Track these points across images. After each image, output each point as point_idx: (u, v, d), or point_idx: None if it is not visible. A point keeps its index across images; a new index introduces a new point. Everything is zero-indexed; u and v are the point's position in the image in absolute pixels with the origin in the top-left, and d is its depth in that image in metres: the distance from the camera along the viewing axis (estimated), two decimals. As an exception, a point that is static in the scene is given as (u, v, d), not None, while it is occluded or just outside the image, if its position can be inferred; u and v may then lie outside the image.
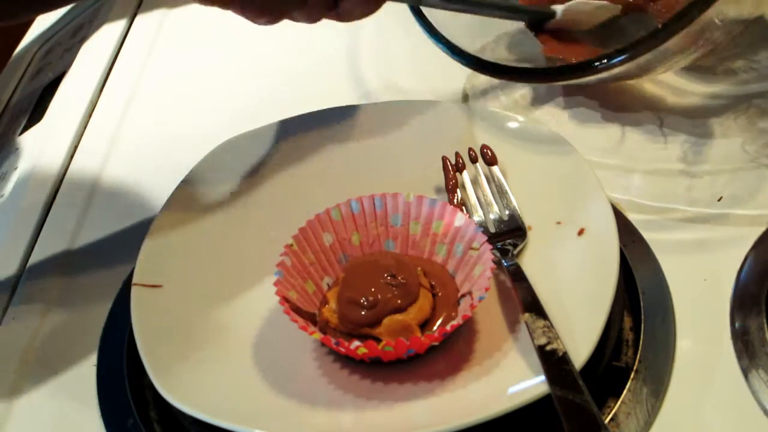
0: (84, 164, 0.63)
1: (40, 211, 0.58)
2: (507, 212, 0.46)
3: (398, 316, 0.40)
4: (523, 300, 0.40)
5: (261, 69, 0.68)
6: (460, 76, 0.62)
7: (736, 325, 0.41)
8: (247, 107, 0.64)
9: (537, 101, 0.58)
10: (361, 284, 0.41)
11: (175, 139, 0.63)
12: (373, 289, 0.40)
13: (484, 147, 0.49)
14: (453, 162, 0.49)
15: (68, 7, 0.83)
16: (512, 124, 0.50)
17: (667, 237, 0.46)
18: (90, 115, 0.68)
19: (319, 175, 0.51)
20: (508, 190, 0.47)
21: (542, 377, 0.36)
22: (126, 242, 0.49)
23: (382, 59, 0.66)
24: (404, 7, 0.71)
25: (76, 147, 0.64)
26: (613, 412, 0.38)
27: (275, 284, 0.41)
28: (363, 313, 0.40)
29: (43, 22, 0.89)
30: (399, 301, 0.40)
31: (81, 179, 0.61)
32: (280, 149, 0.52)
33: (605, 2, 0.54)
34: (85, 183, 0.61)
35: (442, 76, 0.63)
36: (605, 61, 0.46)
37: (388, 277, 0.41)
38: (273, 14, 0.43)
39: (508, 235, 0.45)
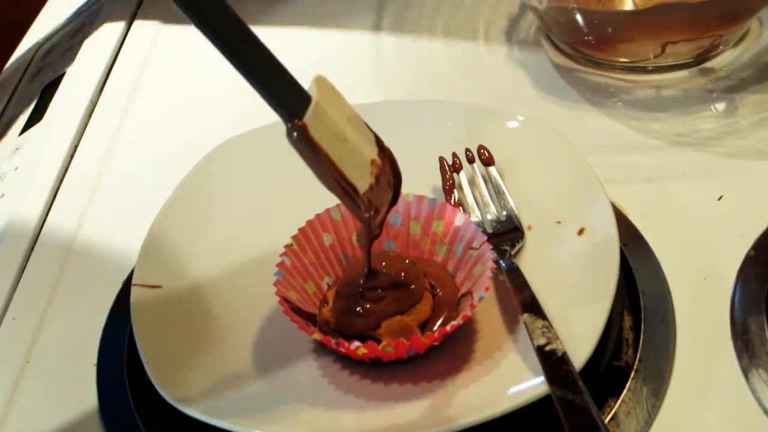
0: (84, 164, 0.63)
1: (40, 210, 0.58)
2: (504, 213, 0.46)
3: (398, 317, 0.40)
4: (521, 300, 0.40)
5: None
6: (457, 74, 0.62)
7: (736, 324, 0.41)
8: (247, 107, 0.64)
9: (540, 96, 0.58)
10: (357, 290, 0.41)
11: (175, 138, 0.63)
12: (369, 296, 0.40)
13: (480, 147, 0.49)
14: (450, 162, 0.49)
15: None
16: (512, 123, 0.50)
17: (667, 236, 0.46)
18: (90, 115, 0.68)
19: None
20: (506, 191, 0.47)
21: (542, 377, 0.36)
22: (126, 242, 0.49)
23: (379, 59, 0.66)
24: (402, 10, 0.72)
25: (76, 147, 0.64)
26: (613, 411, 0.38)
27: (275, 284, 0.41)
28: (359, 321, 0.40)
29: (43, 22, 0.89)
30: (397, 307, 0.40)
31: (81, 179, 0.61)
32: (280, 149, 0.52)
33: None
34: (85, 183, 0.61)
35: (439, 75, 0.63)
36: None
37: (385, 281, 0.41)
38: None
39: (506, 235, 0.45)
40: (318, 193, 0.48)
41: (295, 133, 0.34)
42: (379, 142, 0.38)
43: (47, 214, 0.58)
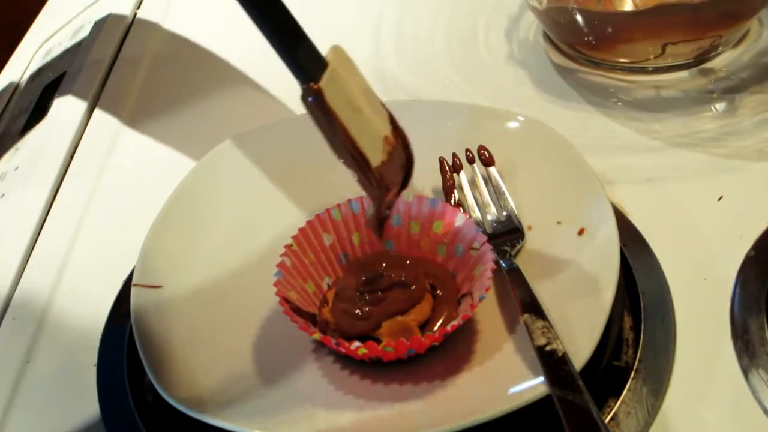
0: (84, 164, 0.63)
1: (40, 210, 0.58)
2: (504, 213, 0.46)
3: (398, 317, 0.40)
4: (521, 300, 0.40)
5: (264, 68, 0.68)
6: (457, 74, 0.62)
7: (736, 324, 0.41)
8: (249, 106, 0.64)
9: (539, 98, 0.58)
10: (357, 292, 0.41)
11: (177, 138, 0.63)
12: (369, 298, 0.40)
13: (480, 148, 0.49)
14: (450, 163, 0.49)
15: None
16: (512, 124, 0.50)
17: (667, 236, 0.46)
18: (90, 114, 0.68)
19: (319, 175, 0.51)
20: (506, 191, 0.47)
21: (542, 377, 0.36)
22: (126, 242, 0.49)
23: (379, 60, 0.66)
24: (402, 10, 0.72)
25: (76, 147, 0.64)
26: (613, 411, 0.38)
27: (275, 285, 0.41)
28: (359, 323, 0.40)
29: (43, 22, 0.89)
30: (397, 308, 0.40)
31: (81, 179, 0.61)
32: (281, 149, 0.52)
33: None
34: (86, 182, 0.61)
35: (439, 75, 0.63)
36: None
37: (386, 282, 0.41)
38: None
39: (506, 236, 0.45)
40: (318, 193, 0.49)
41: (310, 97, 0.34)
42: (393, 121, 0.38)
43: (47, 214, 0.58)
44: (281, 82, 0.64)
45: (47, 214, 0.58)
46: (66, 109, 0.68)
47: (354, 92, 0.35)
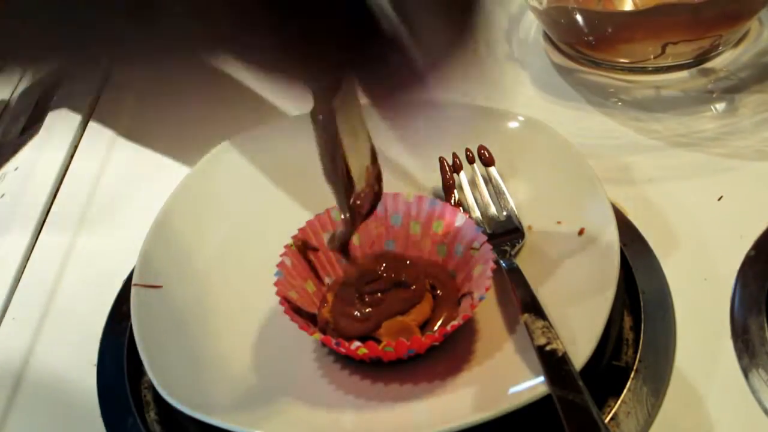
0: (84, 165, 0.63)
1: (40, 210, 0.58)
2: (504, 213, 0.46)
3: (398, 317, 0.40)
4: (521, 300, 0.40)
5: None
6: (457, 74, 0.62)
7: (736, 324, 0.41)
8: (248, 106, 0.64)
9: (538, 98, 0.58)
10: (356, 293, 0.41)
11: (177, 136, 0.63)
12: (368, 299, 0.40)
13: (481, 148, 0.49)
14: (450, 162, 0.49)
15: None
16: (512, 123, 0.50)
17: (667, 236, 0.46)
18: (89, 116, 0.68)
19: (319, 175, 0.51)
20: (506, 191, 0.47)
21: (542, 377, 0.36)
22: (126, 242, 0.49)
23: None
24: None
25: (76, 147, 0.64)
26: (613, 411, 0.38)
27: (275, 284, 0.41)
28: (358, 325, 0.40)
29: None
30: (397, 308, 0.40)
31: (81, 179, 0.61)
32: (281, 149, 0.52)
33: None
34: (85, 182, 0.61)
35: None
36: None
37: (386, 283, 0.41)
38: None
39: (506, 235, 0.45)
40: (318, 193, 0.49)
41: (321, 116, 0.34)
42: (374, 154, 0.38)
43: (47, 215, 0.58)
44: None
45: (47, 214, 0.58)
46: (64, 113, 0.68)
47: (355, 118, 0.36)
